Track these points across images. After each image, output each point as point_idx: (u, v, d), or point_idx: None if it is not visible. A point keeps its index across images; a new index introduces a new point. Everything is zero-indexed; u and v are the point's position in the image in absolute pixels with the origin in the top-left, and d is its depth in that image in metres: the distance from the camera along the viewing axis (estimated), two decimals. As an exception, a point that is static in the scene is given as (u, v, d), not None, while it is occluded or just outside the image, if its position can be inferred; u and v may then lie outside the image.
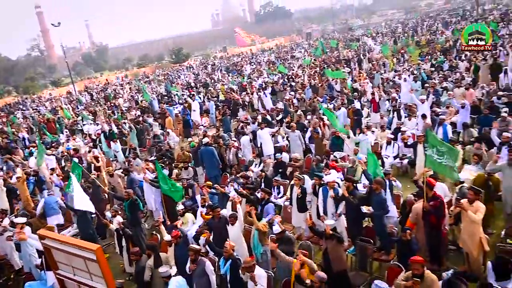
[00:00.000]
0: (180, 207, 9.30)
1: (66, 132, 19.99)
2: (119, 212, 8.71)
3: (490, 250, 6.04)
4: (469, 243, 5.94)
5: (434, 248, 6.31)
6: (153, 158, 12.93)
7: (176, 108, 20.99)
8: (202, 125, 17.08)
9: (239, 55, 58.61)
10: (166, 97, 26.27)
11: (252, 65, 38.98)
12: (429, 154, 6.48)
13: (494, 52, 21.28)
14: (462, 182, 7.49)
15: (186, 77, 40.44)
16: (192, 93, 24.29)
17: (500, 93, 14.08)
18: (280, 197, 9.52)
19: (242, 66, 39.09)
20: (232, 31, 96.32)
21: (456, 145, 9.59)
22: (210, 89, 27.23)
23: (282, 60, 37.87)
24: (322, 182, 7.50)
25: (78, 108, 30.43)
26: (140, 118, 18.64)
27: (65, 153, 14.83)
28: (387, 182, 7.34)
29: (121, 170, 11.70)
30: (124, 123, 17.99)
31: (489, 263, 5.58)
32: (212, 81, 32.17)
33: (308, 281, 5.26)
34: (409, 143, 10.25)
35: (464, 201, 6.01)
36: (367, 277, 6.53)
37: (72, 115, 25.95)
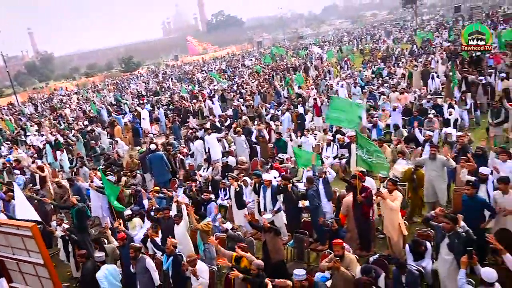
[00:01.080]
0: (127, 212, 9.47)
1: (8, 144, 19.24)
2: (65, 221, 8.72)
3: (410, 235, 6.78)
4: (390, 228, 6.64)
5: (363, 236, 6.96)
6: (101, 167, 12.88)
7: (126, 116, 20.87)
8: (152, 133, 17.16)
9: (191, 64, 58.63)
10: (115, 106, 25.93)
11: (203, 73, 39.28)
12: (359, 154, 7.17)
13: (426, 59, 23.14)
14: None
15: (137, 86, 39.99)
16: (143, 101, 24.22)
17: (429, 96, 15.42)
18: (227, 199, 9.91)
19: (193, 74, 39.28)
20: (184, 39, 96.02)
21: (387, 144, 10.56)
22: (161, 97, 27.25)
23: (232, 68, 38.48)
24: (261, 180, 7.98)
25: (21, 120, 29.20)
26: (88, 128, 18.40)
27: (7, 165, 14.36)
28: (321, 180, 7.95)
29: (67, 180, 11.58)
30: (70, 132, 17.68)
31: (407, 246, 6.28)
32: (163, 89, 32.12)
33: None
34: (345, 144, 11.01)
35: (384, 191, 6.71)
36: (304, 267, 7.03)
37: (15, 126, 24.90)
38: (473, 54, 20.31)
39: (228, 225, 7.16)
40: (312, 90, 19.72)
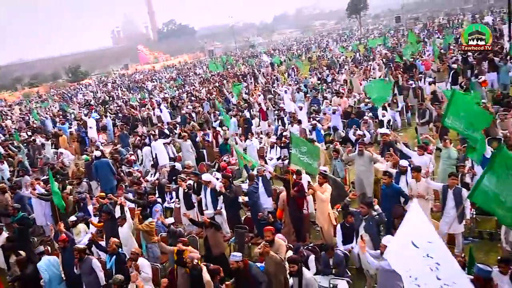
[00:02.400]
0: (72, 218, 9.46)
1: None
2: (4, 230, 8.60)
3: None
4: (321, 219, 7.24)
5: (299, 228, 7.50)
6: (45, 177, 12.66)
7: (72, 126, 20.46)
8: (99, 141, 17.02)
9: (142, 72, 57.93)
10: (60, 116, 25.25)
11: (154, 82, 39.08)
12: (293, 153, 7.75)
13: (366, 66, 24.61)
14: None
15: (85, 95, 39.00)
16: (91, 110, 23.81)
17: (366, 100, 16.51)
18: (173, 202, 10.16)
19: (143, 83, 38.96)
20: (135, 48, 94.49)
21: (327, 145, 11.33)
22: (110, 106, 26.89)
23: (183, 77, 38.61)
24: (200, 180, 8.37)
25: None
26: (31, 138, 17.89)
27: None
28: (260, 178, 8.46)
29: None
30: (12, 143, 17.11)
31: (337, 229, 6.89)
32: (111, 98, 31.66)
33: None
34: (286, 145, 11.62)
35: (315, 184, 7.32)
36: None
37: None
38: (407, 61, 21.98)
39: (170, 220, 7.42)
40: (259, 96, 20.36)
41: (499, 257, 5.21)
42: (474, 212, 7.64)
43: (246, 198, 8.12)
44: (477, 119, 6.41)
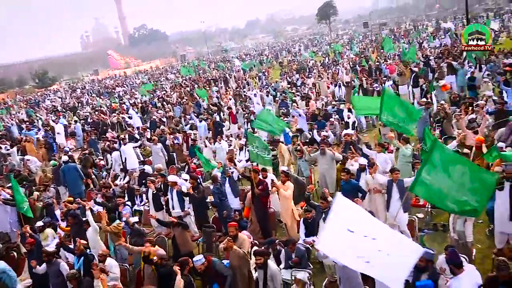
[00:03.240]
0: (39, 224, 9.38)
1: None
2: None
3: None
4: (285, 215, 7.54)
5: (264, 225, 7.76)
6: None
7: (39, 132, 20.08)
8: (68, 147, 16.80)
9: (112, 78, 57.16)
10: (27, 122, 24.67)
11: (124, 87, 38.72)
12: (251, 150, 8.08)
13: (334, 70, 25.31)
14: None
15: (52, 101, 38.18)
16: (59, 116, 23.39)
17: (333, 102, 17.04)
18: (143, 204, 10.24)
19: (113, 88, 38.53)
20: (105, 53, 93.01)
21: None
22: (79, 112, 26.53)
23: (155, 82, 38.45)
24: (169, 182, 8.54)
25: None
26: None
27: None
28: (227, 179, 8.70)
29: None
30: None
31: (300, 223, 7.19)
32: (80, 104, 31.20)
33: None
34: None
35: (278, 182, 7.61)
36: (213, 258, 7.66)
37: None
38: (371, 65, 22.78)
39: (134, 219, 7.54)
40: (230, 100, 20.62)
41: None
42: (429, 206, 8.16)
43: (213, 199, 8.34)
44: (408, 114, 6.87)
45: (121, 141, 13.25)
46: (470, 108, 11.87)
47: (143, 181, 11.42)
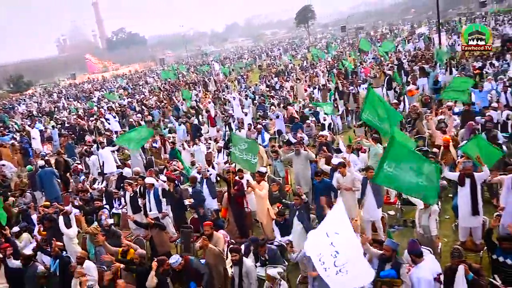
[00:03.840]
0: (15, 229, 9.33)
1: None
2: None
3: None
4: (260, 214, 7.75)
5: (240, 225, 7.95)
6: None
7: (15, 137, 19.77)
8: (44, 152, 16.61)
9: (90, 82, 56.45)
10: (1, 128, 24.21)
11: (103, 91, 38.35)
12: (233, 152, 8.23)
13: (312, 73, 25.78)
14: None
15: (28, 106, 37.48)
16: (36, 121, 23.07)
17: (310, 105, 17.39)
18: (121, 208, 10.27)
19: (91, 93, 38.12)
20: (82, 57, 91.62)
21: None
22: (56, 116, 26.20)
23: (133, 86, 38.24)
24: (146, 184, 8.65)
25: None
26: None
27: None
28: (204, 180, 8.87)
29: None
30: None
31: (273, 223, 7.41)
32: (58, 109, 30.77)
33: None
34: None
35: (254, 183, 7.82)
36: (191, 258, 7.79)
37: None
38: (347, 68, 23.33)
39: (110, 221, 7.62)
40: (210, 103, 20.76)
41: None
42: (400, 203, 8.51)
43: (192, 200, 8.48)
44: (390, 115, 7.20)
45: (99, 145, 13.23)
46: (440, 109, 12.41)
47: (121, 185, 11.48)
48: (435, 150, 9.70)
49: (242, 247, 6.79)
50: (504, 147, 9.59)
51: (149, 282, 5.65)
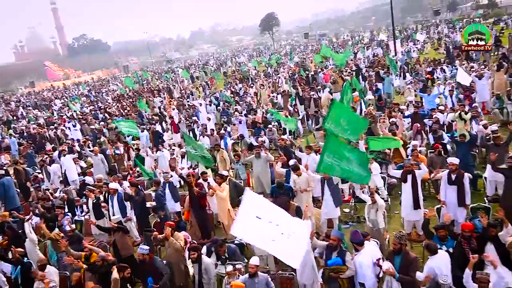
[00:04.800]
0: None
1: None
2: None
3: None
4: (221, 215, 8.07)
5: (203, 226, 8.22)
6: None
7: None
8: (2, 162, 16.20)
9: (50, 90, 54.87)
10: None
11: (63, 100, 37.48)
12: (188, 150, 8.92)
13: (275, 80, 26.39)
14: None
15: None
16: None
17: (273, 110, 17.87)
18: (83, 215, 10.29)
19: (51, 101, 37.17)
20: (41, 64, 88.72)
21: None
22: (14, 126, 25.42)
23: (96, 93, 37.61)
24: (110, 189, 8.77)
25: None
26: None
27: None
28: (167, 184, 9.09)
29: None
30: None
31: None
32: (15, 118, 29.83)
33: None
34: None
35: (215, 185, 8.14)
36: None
37: None
38: (309, 74, 24.09)
39: (73, 226, 7.72)
40: (174, 110, 20.86)
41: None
42: (353, 201, 9.06)
43: (154, 203, 8.68)
44: (354, 125, 7.73)
45: (60, 153, 13.12)
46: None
47: (84, 192, 11.46)
48: (387, 150, 10.35)
49: (204, 248, 7.11)
50: (449, 147, 10.43)
51: (114, 279, 5.82)
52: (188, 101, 24.20)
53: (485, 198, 8.17)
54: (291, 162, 8.71)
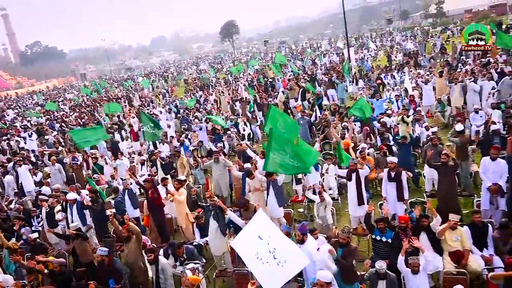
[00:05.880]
0: None
1: None
2: None
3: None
4: (180, 219, 8.37)
5: (162, 230, 8.45)
6: None
7: None
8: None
9: (1, 100, 52.64)
10: None
11: (16, 109, 36.17)
12: (146, 130, 10.17)
13: (235, 87, 26.86)
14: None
15: None
16: None
17: (232, 117, 18.29)
18: (40, 225, 10.20)
19: (3, 111, 35.77)
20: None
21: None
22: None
23: (52, 101, 36.57)
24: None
25: None
26: None
27: None
28: (126, 191, 9.29)
29: None
30: None
31: (195, 229, 8.05)
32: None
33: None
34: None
35: (173, 189, 8.43)
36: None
37: None
38: (268, 81, 24.76)
39: (34, 235, 7.75)
40: (133, 118, 20.81)
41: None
42: (306, 201, 9.60)
43: (114, 210, 8.82)
44: (290, 129, 8.24)
45: (15, 164, 12.89)
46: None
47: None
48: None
49: (161, 251, 7.37)
50: (394, 148, 11.24)
51: None
52: (148, 109, 24.18)
53: (424, 194, 8.94)
54: (247, 165, 9.15)
